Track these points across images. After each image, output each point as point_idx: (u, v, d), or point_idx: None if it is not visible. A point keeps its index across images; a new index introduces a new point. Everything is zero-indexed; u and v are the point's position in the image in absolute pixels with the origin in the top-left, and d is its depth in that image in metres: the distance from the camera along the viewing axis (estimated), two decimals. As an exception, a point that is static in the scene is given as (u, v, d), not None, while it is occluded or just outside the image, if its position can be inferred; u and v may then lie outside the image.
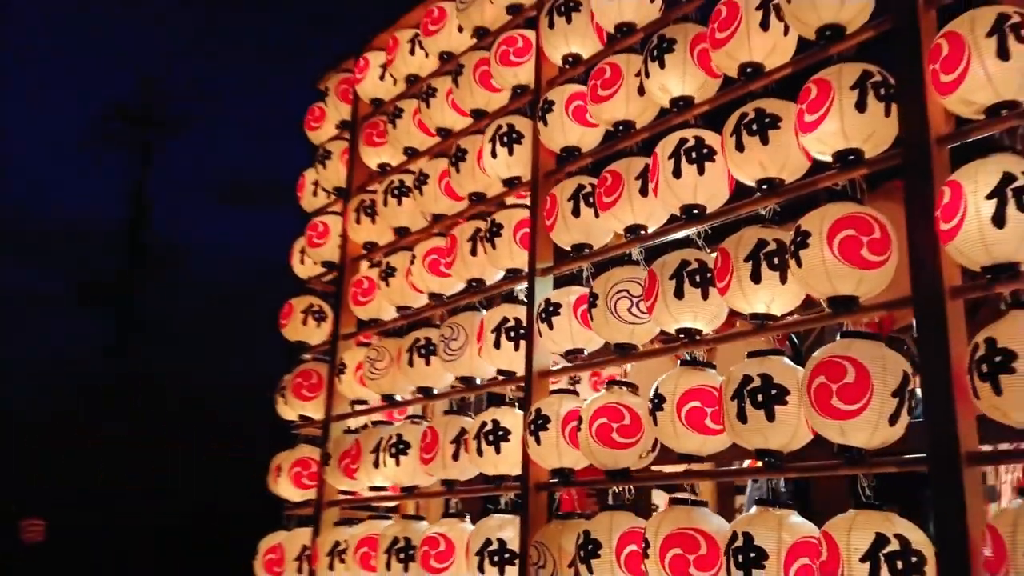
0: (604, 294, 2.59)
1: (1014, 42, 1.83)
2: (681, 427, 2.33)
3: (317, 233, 4.14)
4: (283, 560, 3.87)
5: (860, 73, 2.10)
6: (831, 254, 2.02)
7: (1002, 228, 1.76)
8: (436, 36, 3.63)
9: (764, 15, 2.35)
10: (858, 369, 1.94)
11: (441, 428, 3.12)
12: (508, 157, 3.12)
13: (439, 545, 3.00)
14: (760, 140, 2.26)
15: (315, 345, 4.13)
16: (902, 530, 1.85)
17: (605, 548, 2.42)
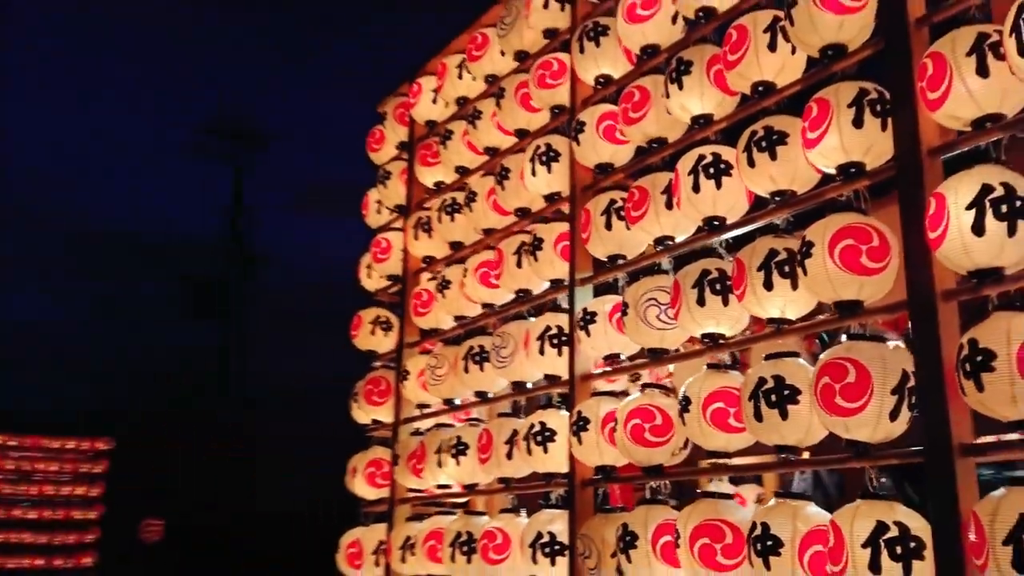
0: (634, 303, 2.78)
1: (993, 60, 1.96)
2: (707, 426, 2.51)
3: (380, 249, 4.43)
4: (362, 554, 4.17)
5: (857, 91, 2.24)
6: (832, 263, 2.17)
7: (982, 236, 1.89)
8: (480, 60, 3.86)
9: (771, 37, 2.50)
10: (859, 369, 2.09)
11: (495, 430, 3.36)
12: (547, 175, 3.34)
13: (496, 538, 3.24)
14: (769, 156, 2.42)
15: (383, 353, 4.41)
16: (902, 518, 2.00)
17: (641, 539, 2.62)
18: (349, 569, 4.25)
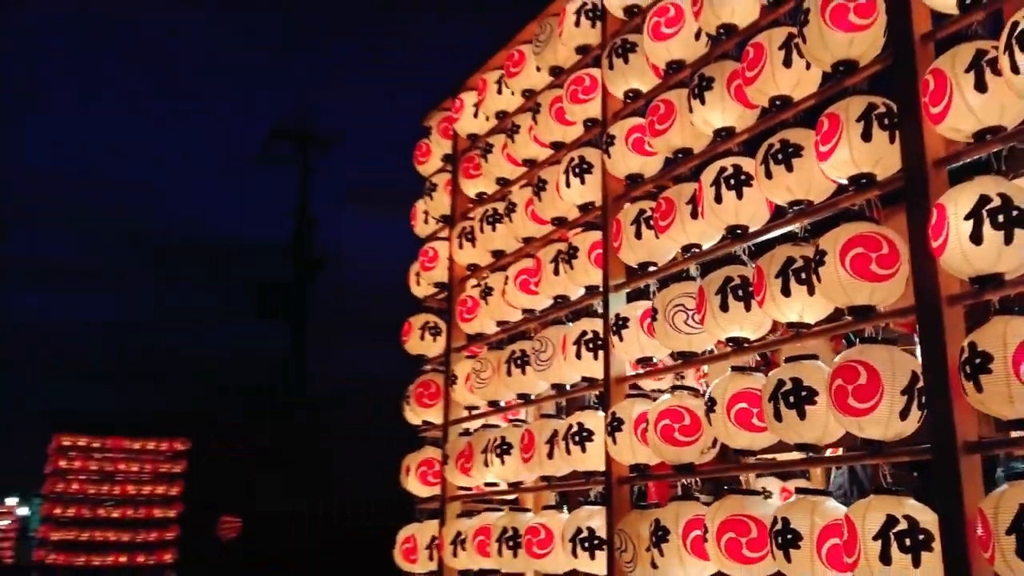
0: (663, 308, 2.92)
1: (990, 75, 2.05)
2: (732, 426, 2.64)
3: (428, 258, 4.63)
4: (416, 549, 4.38)
5: (865, 106, 2.35)
6: (844, 270, 2.29)
7: (980, 245, 1.99)
8: (518, 76, 4.03)
9: (786, 53, 2.62)
10: (869, 371, 2.20)
11: (537, 430, 3.53)
12: (581, 186, 3.49)
13: (540, 534, 3.41)
14: (785, 168, 2.54)
15: (432, 357, 4.61)
16: (911, 511, 2.11)
17: (672, 534, 2.76)
18: (405, 563, 4.45)
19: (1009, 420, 1.96)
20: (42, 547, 17.19)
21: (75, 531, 16.98)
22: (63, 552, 16.86)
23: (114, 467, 17.64)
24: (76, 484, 17.29)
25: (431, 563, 4.27)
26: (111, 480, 17.54)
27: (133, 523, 17.45)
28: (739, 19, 2.90)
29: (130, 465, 17.76)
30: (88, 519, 17.14)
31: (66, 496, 17.18)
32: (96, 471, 17.46)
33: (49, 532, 17.04)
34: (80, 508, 17.14)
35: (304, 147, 22.57)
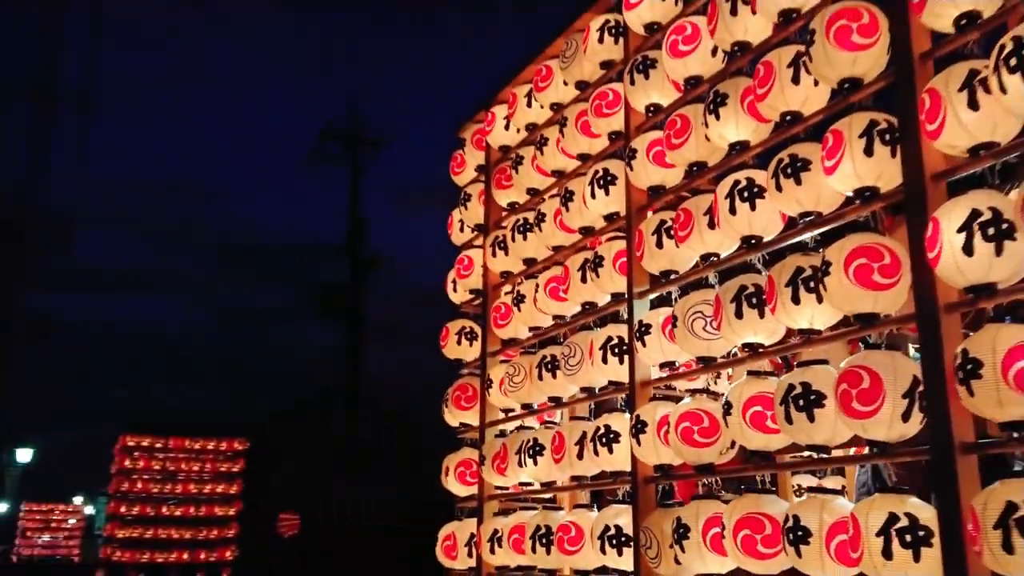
0: (683, 315, 3.05)
1: (982, 94, 2.16)
2: (747, 428, 2.76)
3: (463, 266, 4.81)
4: (456, 546, 4.55)
5: (868, 122, 2.46)
6: (848, 280, 2.41)
7: (972, 256, 2.10)
8: (546, 90, 4.18)
9: (795, 71, 2.74)
10: (872, 376, 2.32)
11: (567, 432, 3.68)
12: (605, 197, 3.64)
13: (571, 531, 3.56)
14: (795, 181, 2.66)
15: (469, 361, 4.79)
16: (912, 509, 2.22)
17: (693, 531, 2.89)
18: (446, 560, 4.63)
19: (1001, 423, 2.06)
20: (108, 545, 17.83)
21: (139, 529, 17.61)
22: (128, 550, 17.48)
23: (176, 466, 18.24)
24: (140, 483, 17.92)
25: (470, 560, 4.44)
26: (174, 479, 18.15)
27: (195, 521, 18.01)
28: (752, 37, 3.02)
29: (191, 464, 18.35)
30: (152, 517, 17.77)
31: (131, 495, 17.81)
32: (159, 470, 18.08)
33: (115, 530, 17.69)
34: (144, 507, 17.76)
35: (354, 148, 22.72)
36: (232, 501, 18.48)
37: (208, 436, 18.75)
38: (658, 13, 3.50)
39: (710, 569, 2.89)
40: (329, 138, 22.87)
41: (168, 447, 18.30)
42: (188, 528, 17.90)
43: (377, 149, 23.07)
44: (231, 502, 18.45)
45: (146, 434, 18.39)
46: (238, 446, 18.84)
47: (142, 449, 18.09)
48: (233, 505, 18.47)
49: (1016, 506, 1.93)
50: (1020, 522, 1.92)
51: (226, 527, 18.24)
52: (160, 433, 18.69)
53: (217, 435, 18.87)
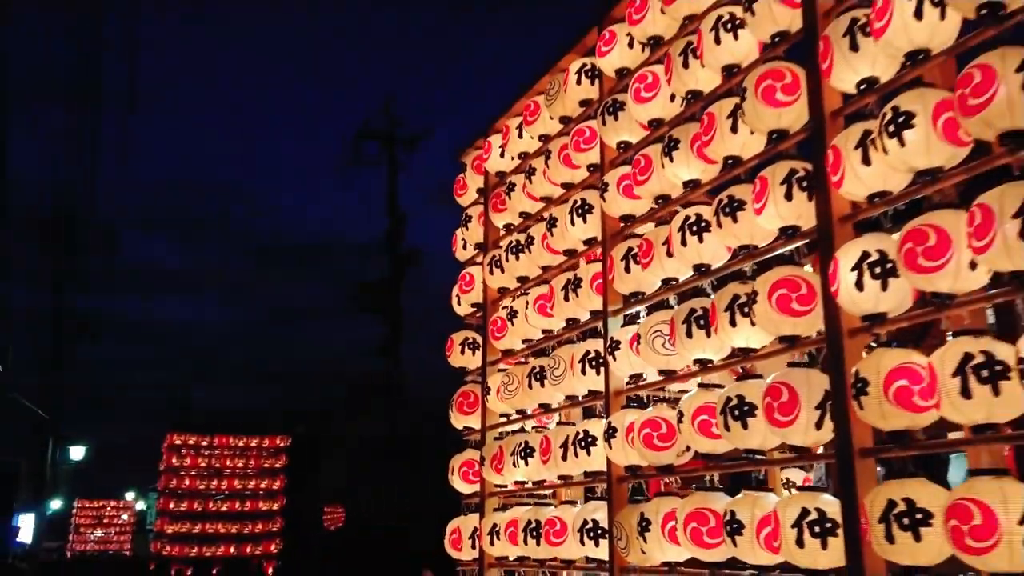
0: (645, 334, 3.45)
1: (873, 151, 2.53)
2: (696, 434, 3.16)
3: (465, 282, 5.23)
4: (461, 539, 4.99)
5: (788, 170, 2.84)
6: (771, 307, 2.79)
7: (862, 291, 2.48)
8: (534, 124, 4.59)
9: (733, 121, 3.12)
10: (790, 390, 2.71)
11: (553, 436, 4.09)
12: (583, 224, 4.04)
13: (556, 525, 3.98)
14: (732, 219, 3.05)
15: (472, 369, 5.21)
16: (822, 505, 2.61)
17: (654, 524, 3.29)
18: (453, 551, 5.07)
19: (887, 432, 2.45)
20: (158, 539, 18.63)
21: (187, 524, 18.38)
22: (177, 544, 18.26)
23: (222, 463, 18.97)
24: (188, 480, 18.69)
25: (473, 551, 4.87)
26: (219, 476, 18.88)
27: (240, 516, 18.76)
28: (703, 86, 3.40)
29: (236, 461, 19.07)
30: (199, 513, 18.54)
31: (179, 491, 18.60)
32: (205, 467, 18.82)
33: (164, 525, 18.50)
34: (192, 502, 18.54)
35: (391, 146, 22.66)
36: (275, 496, 19.17)
37: (251, 433, 19.44)
38: (627, 59, 3.89)
39: (668, 557, 3.29)
40: (366, 137, 22.92)
41: (213, 445, 19.04)
42: (234, 523, 18.64)
43: (413, 146, 23.08)
44: (274, 497, 19.15)
45: (192, 432, 19.19)
46: (280, 443, 19.52)
47: (188, 447, 18.87)
48: (276, 500, 19.16)
49: (895, 503, 2.31)
50: (898, 517, 2.29)
51: (270, 521, 18.94)
52: (205, 431, 19.47)
53: (260, 432, 19.55)
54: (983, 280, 2.29)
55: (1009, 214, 2.08)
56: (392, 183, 22.70)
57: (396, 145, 22.89)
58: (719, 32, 3.21)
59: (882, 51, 2.55)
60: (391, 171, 22.72)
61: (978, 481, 2.17)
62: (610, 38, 3.94)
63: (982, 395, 2.15)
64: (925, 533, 2.25)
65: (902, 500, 2.30)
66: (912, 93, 2.42)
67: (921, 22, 2.42)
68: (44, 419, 17.39)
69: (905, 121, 2.39)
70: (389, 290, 22.27)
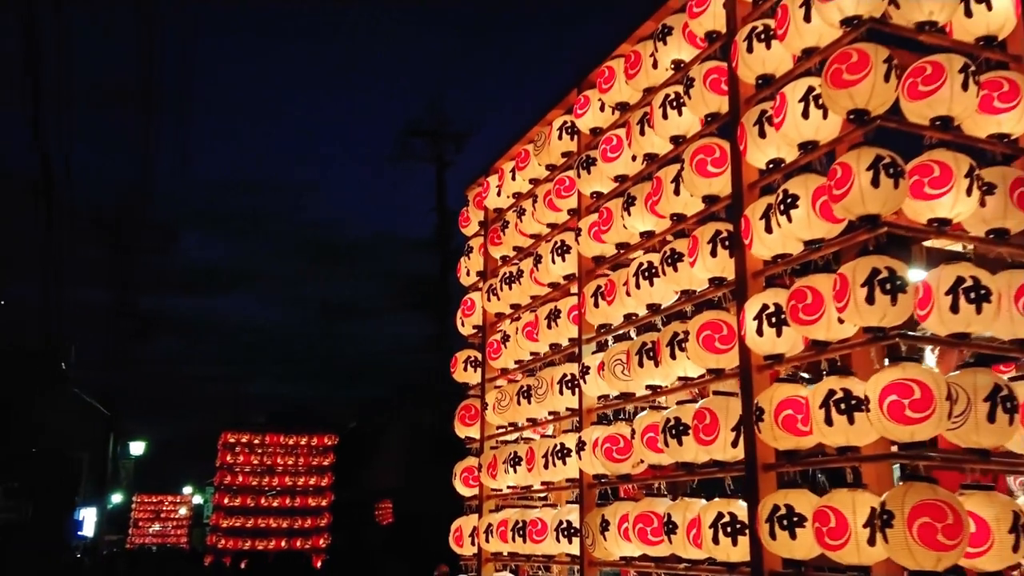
0: (608, 362, 4.04)
1: (773, 223, 3.09)
2: (645, 449, 3.74)
3: (467, 307, 5.86)
4: (463, 536, 5.61)
5: (714, 231, 3.42)
6: (698, 345, 3.37)
7: (762, 336, 3.06)
8: (524, 169, 5.20)
9: (676, 185, 3.70)
10: (711, 415, 3.29)
11: (536, 447, 4.70)
12: (562, 262, 4.64)
13: (537, 525, 4.58)
14: (673, 268, 3.63)
15: (474, 385, 5.83)
16: (734, 509, 3.18)
17: (612, 525, 3.88)
18: (456, 547, 5.69)
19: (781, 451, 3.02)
20: (214, 533, 19.57)
21: (241, 519, 19.34)
22: (231, 537, 19.22)
23: (273, 461, 19.86)
24: (241, 476, 19.63)
25: (473, 548, 5.48)
26: (271, 473, 19.78)
27: (291, 511, 19.66)
28: (657, 149, 3.99)
29: (286, 459, 19.94)
30: (252, 508, 19.48)
31: (233, 487, 19.56)
32: (258, 464, 19.72)
33: (219, 520, 19.49)
34: (245, 498, 19.50)
35: (438, 143, 22.75)
36: (324, 493, 20.02)
37: (303, 431, 20.30)
38: (599, 120, 4.49)
39: (624, 553, 3.87)
40: (413, 134, 23.00)
41: (265, 443, 19.94)
42: (285, 518, 19.55)
43: (460, 143, 23.10)
44: (323, 494, 19.99)
45: (245, 431, 20.22)
46: (328, 441, 20.35)
47: (242, 445, 19.82)
48: (325, 496, 20.00)
49: (779, 507, 2.88)
50: (780, 519, 2.87)
51: (319, 517, 19.77)
52: (257, 430, 20.38)
53: (311, 430, 20.42)
54: (852, 330, 2.85)
55: (859, 282, 2.65)
56: (440, 180, 22.76)
57: (443, 142, 22.92)
58: (666, 108, 3.79)
59: (782, 139, 3.12)
60: (439, 168, 22.81)
61: (837, 492, 2.74)
62: (584, 102, 4.53)
63: (841, 423, 2.72)
64: (800, 532, 2.82)
65: (784, 505, 2.87)
66: (798, 179, 2.99)
67: (808, 120, 2.99)
68: (106, 415, 18.30)
69: (792, 202, 2.96)
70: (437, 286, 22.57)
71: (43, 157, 8.07)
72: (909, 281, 2.65)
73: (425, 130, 22.79)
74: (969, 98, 2.81)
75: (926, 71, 2.81)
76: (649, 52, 4.01)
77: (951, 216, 2.78)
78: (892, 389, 2.52)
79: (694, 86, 3.61)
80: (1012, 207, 2.85)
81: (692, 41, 3.79)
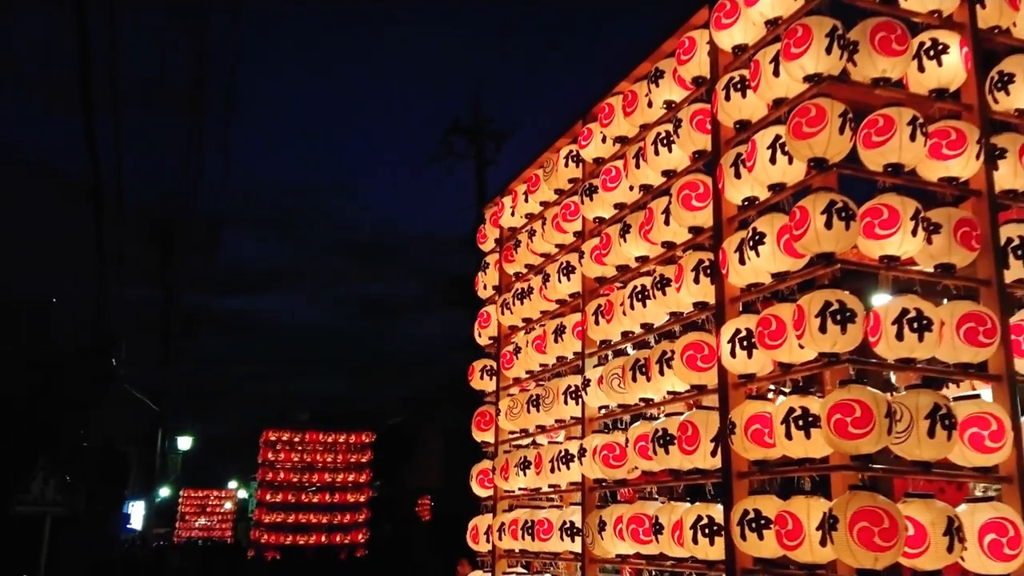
0: (606, 376, 4.41)
1: (746, 256, 3.44)
2: (637, 456, 4.10)
3: (483, 319, 6.25)
4: (479, 534, 6.00)
5: (697, 260, 3.78)
6: (682, 364, 3.73)
7: (735, 358, 3.41)
8: (535, 193, 5.57)
9: (666, 216, 4.05)
10: (693, 427, 3.64)
11: (544, 452, 5.08)
12: (568, 282, 5.01)
13: (544, 524, 4.96)
14: (662, 293, 3.99)
15: (489, 393, 6.21)
16: (712, 512, 3.53)
17: (608, 526, 4.24)
18: (472, 544, 6.08)
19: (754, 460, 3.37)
20: (257, 528, 20.27)
21: (283, 514, 20.00)
22: (274, 532, 19.90)
23: (313, 458, 20.48)
24: (283, 473, 20.29)
25: (488, 545, 5.87)
26: (312, 469, 20.40)
27: (330, 507, 20.28)
28: (652, 181, 4.35)
29: (326, 456, 20.56)
30: (293, 504, 20.15)
31: (275, 483, 20.22)
32: (299, 461, 20.37)
33: (262, 515, 20.18)
34: (286, 494, 20.15)
35: (478, 142, 22.66)
36: (362, 489, 20.59)
37: (339, 430, 20.88)
38: (601, 151, 4.86)
39: (619, 551, 4.24)
40: (454, 134, 22.93)
41: (305, 440, 20.55)
42: (324, 514, 20.17)
43: (501, 142, 22.95)
44: (361, 490, 20.57)
45: (285, 429, 20.87)
46: (366, 439, 20.92)
47: (283, 443, 20.47)
48: (363, 492, 20.56)
49: (748, 512, 3.24)
50: (748, 522, 3.22)
51: (357, 512, 20.39)
52: (298, 428, 20.98)
53: (350, 428, 20.99)
54: (812, 354, 3.19)
55: (814, 313, 3.00)
56: (480, 178, 22.82)
57: (483, 141, 23.06)
58: (658, 145, 4.15)
59: (754, 180, 3.47)
60: (479, 166, 22.90)
61: (795, 499, 3.08)
62: (588, 134, 4.90)
63: (799, 437, 3.07)
64: (766, 534, 3.17)
65: (752, 510, 3.22)
66: (765, 218, 3.34)
67: (775, 165, 3.34)
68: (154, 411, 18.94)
69: (759, 239, 3.31)
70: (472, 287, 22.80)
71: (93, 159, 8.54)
72: (858, 312, 2.99)
73: (465, 127, 22.82)
74: (917, 147, 3.14)
75: (879, 123, 3.15)
76: (644, 92, 4.37)
77: (899, 253, 3.12)
78: (837, 408, 2.86)
79: (682, 126, 3.97)
80: (956, 245, 3.17)
81: (682, 84, 4.14)
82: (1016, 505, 3.03)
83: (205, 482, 37.23)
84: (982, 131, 3.30)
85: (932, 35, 3.35)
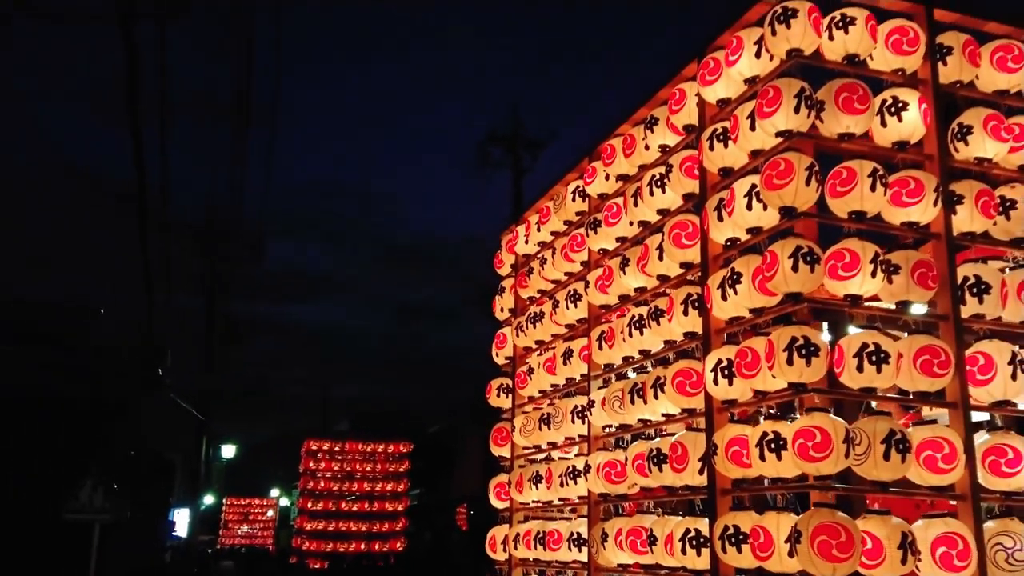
0: (608, 398, 4.77)
1: (727, 289, 3.79)
2: (635, 473, 4.46)
3: (499, 340, 6.63)
4: (496, 543, 6.38)
5: (686, 293, 4.13)
6: (672, 389, 4.08)
7: (717, 385, 3.76)
8: (546, 224, 5.96)
9: (660, 252, 4.41)
10: (683, 447, 3.99)
11: (553, 468, 5.44)
12: (575, 308, 5.38)
13: (554, 535, 5.32)
14: (656, 323, 4.34)
15: (506, 409, 6.59)
16: (699, 526, 3.88)
17: (610, 537, 4.60)
18: (491, 552, 6.46)
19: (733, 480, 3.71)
20: (298, 535, 20.86)
21: (323, 522, 20.56)
22: (314, 540, 20.47)
23: (352, 467, 21.03)
24: (323, 482, 20.86)
25: (504, 554, 6.24)
26: (351, 478, 20.96)
27: (369, 516, 20.82)
28: (649, 217, 4.71)
29: (364, 465, 21.10)
30: (333, 512, 20.69)
31: (316, 492, 20.79)
32: (339, 470, 20.93)
33: (303, 523, 20.75)
34: (327, 502, 20.72)
35: (515, 150, 22.71)
36: (400, 498, 21.08)
37: (378, 440, 21.41)
38: (604, 188, 5.23)
39: (620, 561, 4.59)
40: (492, 141, 22.99)
41: (345, 450, 21.09)
42: (364, 522, 20.70)
43: (538, 151, 22.95)
44: (399, 498, 21.07)
45: (326, 439, 21.50)
46: (403, 448, 21.39)
47: (324, 452, 21.04)
48: (401, 501, 21.05)
49: (728, 527, 3.58)
50: (729, 536, 3.56)
51: (395, 521, 20.91)
52: (337, 437, 21.51)
53: (386, 439, 21.52)
54: (784, 383, 3.53)
55: (782, 347, 3.34)
56: (517, 186, 23.03)
57: (520, 149, 23.41)
58: (652, 186, 4.51)
59: (734, 224, 3.82)
60: (515, 174, 23.13)
61: (768, 514, 3.43)
62: (593, 171, 5.28)
63: (771, 459, 3.41)
64: (744, 548, 3.51)
65: (732, 525, 3.57)
66: (742, 260, 3.69)
67: (751, 211, 3.69)
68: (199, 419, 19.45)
69: (737, 278, 3.66)
70: None
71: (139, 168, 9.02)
72: (821, 347, 3.33)
73: (503, 136, 23.01)
74: (878, 196, 3.48)
75: (842, 175, 3.49)
76: (642, 136, 4.73)
77: (861, 292, 3.45)
78: (801, 434, 3.20)
79: (672, 171, 4.33)
80: (913, 284, 3.49)
81: (674, 130, 4.50)
82: (969, 521, 3.34)
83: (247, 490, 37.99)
84: (940, 180, 3.62)
85: (893, 93, 3.68)
